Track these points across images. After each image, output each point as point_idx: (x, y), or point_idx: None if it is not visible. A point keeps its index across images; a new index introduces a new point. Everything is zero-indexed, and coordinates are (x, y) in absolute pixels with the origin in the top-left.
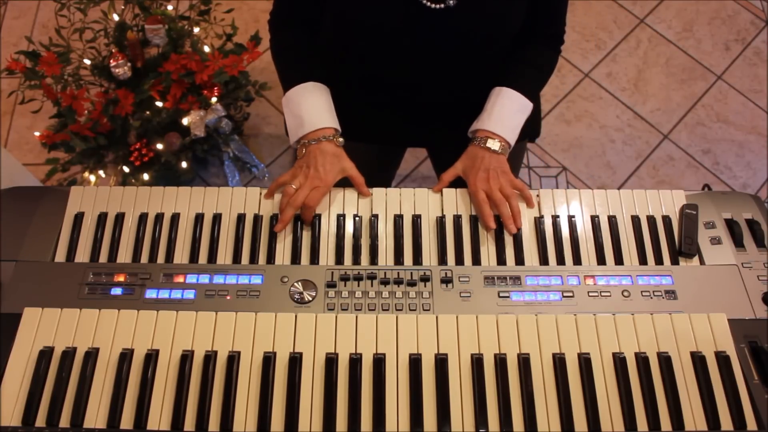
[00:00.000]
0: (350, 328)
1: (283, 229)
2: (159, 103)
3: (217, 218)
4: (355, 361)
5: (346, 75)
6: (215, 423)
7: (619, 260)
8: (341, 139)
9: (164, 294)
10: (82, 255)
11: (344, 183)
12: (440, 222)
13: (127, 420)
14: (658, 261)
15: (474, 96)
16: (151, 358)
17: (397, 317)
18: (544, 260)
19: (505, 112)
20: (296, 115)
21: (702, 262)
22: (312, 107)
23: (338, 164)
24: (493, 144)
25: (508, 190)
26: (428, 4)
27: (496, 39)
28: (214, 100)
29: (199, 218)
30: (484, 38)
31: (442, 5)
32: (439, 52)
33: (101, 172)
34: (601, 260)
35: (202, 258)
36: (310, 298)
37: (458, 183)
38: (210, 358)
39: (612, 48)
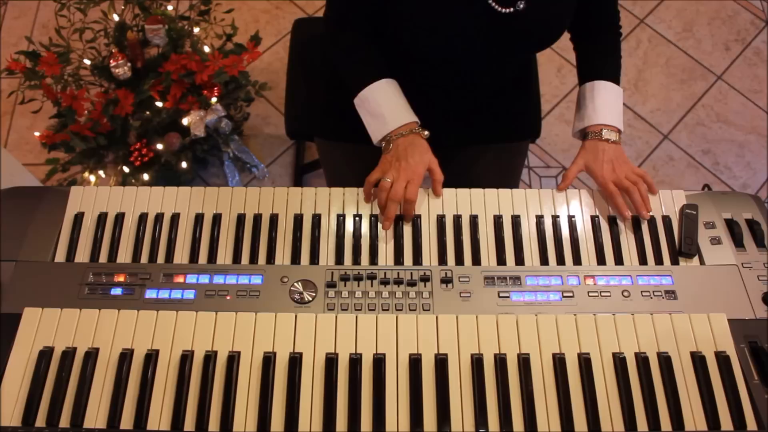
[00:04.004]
0: (350, 328)
1: (391, 225)
2: (159, 103)
3: (217, 218)
4: (355, 361)
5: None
6: (215, 423)
7: (619, 260)
8: (426, 132)
9: (164, 294)
10: (82, 255)
11: (345, 183)
12: (440, 222)
13: (127, 420)
14: (658, 261)
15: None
16: (151, 358)
17: (397, 317)
18: (544, 260)
19: (608, 102)
20: (376, 114)
21: (702, 262)
22: (392, 104)
23: (426, 156)
24: (610, 134)
25: (633, 177)
26: (498, 8)
27: (553, 38)
28: (214, 100)
29: (199, 218)
30: (543, 38)
31: (512, 9)
32: (499, 54)
33: (101, 172)
34: (601, 260)
35: (202, 258)
36: (310, 298)
37: (455, 183)
38: (210, 358)
39: None
